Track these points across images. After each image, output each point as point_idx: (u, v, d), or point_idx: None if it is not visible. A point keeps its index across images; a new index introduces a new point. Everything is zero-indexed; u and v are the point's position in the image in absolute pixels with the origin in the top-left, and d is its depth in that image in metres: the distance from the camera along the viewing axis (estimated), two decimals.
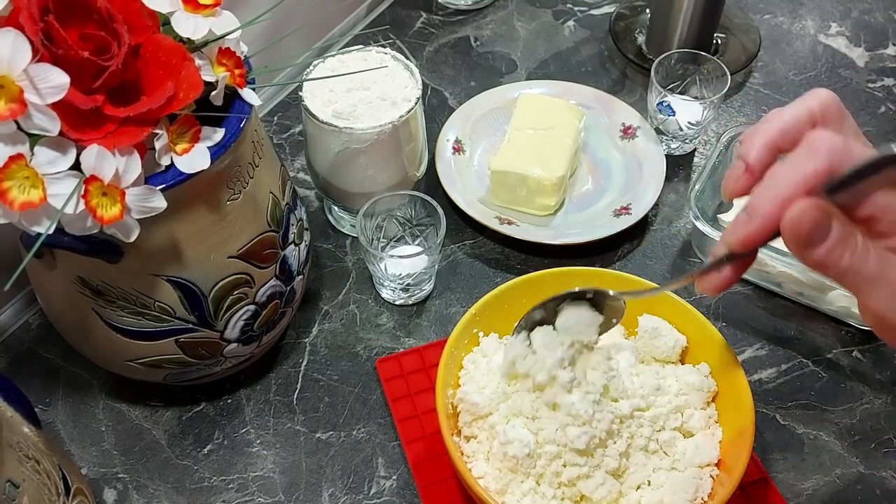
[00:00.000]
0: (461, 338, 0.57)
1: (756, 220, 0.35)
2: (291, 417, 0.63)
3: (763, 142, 0.38)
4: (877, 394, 0.64)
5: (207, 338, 0.55)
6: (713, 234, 0.67)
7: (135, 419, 0.63)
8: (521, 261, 0.73)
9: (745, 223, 0.36)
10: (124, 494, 0.59)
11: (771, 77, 0.90)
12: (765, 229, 0.35)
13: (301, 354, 0.67)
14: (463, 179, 0.76)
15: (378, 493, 0.59)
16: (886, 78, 0.89)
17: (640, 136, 0.79)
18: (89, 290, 0.50)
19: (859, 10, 0.97)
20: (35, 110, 0.38)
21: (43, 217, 0.41)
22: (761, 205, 0.35)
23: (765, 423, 0.63)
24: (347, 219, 0.74)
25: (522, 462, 0.51)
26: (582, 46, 0.93)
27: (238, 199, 0.51)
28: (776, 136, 0.37)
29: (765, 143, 0.38)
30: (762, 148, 0.38)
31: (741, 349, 0.67)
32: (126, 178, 0.42)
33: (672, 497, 0.52)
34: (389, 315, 0.69)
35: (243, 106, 0.49)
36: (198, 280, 0.52)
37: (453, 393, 0.56)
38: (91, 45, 0.40)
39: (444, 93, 0.88)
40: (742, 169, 0.38)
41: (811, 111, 0.37)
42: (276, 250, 0.56)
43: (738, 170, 0.39)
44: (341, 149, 0.65)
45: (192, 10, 0.44)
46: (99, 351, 0.56)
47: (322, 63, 0.69)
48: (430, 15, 0.96)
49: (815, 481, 0.60)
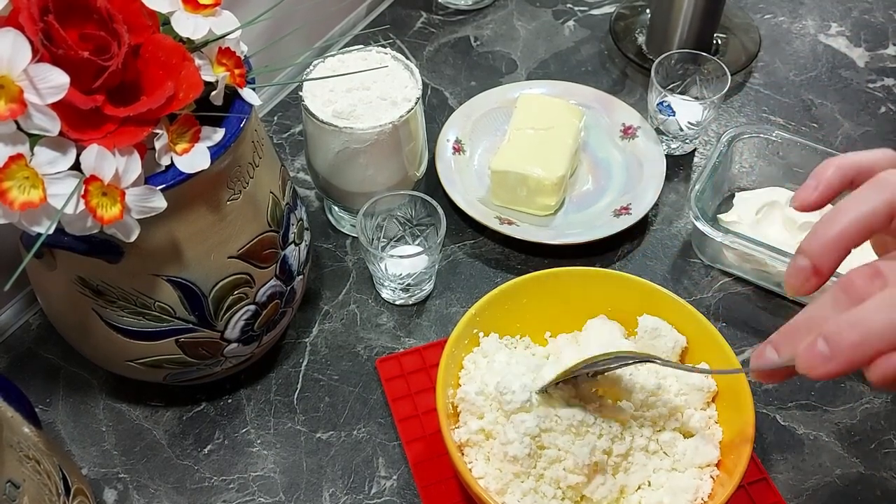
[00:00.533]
0: (461, 338, 0.57)
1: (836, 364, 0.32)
2: (292, 417, 0.63)
3: (835, 244, 0.35)
4: (877, 394, 0.64)
5: (207, 338, 0.55)
6: (713, 234, 0.66)
7: (135, 419, 0.63)
8: (521, 261, 0.73)
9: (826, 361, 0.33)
10: (125, 494, 0.59)
11: (771, 77, 0.90)
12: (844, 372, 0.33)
13: (301, 354, 0.67)
14: (463, 179, 0.76)
15: (378, 493, 0.59)
16: (886, 78, 0.89)
17: (640, 136, 0.79)
18: (89, 290, 0.50)
19: (859, 9, 0.97)
20: (35, 110, 0.38)
21: (43, 217, 0.41)
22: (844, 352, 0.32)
23: (765, 423, 0.63)
24: (347, 219, 0.74)
25: (523, 462, 0.51)
26: (582, 46, 0.93)
27: (238, 199, 0.51)
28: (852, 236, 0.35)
29: (837, 246, 0.35)
30: (834, 251, 0.35)
31: (741, 349, 0.67)
32: (126, 178, 0.42)
33: (672, 497, 0.52)
34: (389, 315, 0.69)
35: (243, 106, 0.49)
36: (198, 280, 0.52)
37: (454, 393, 0.56)
38: (91, 45, 0.40)
39: (444, 93, 0.88)
40: (810, 270, 0.35)
41: (891, 206, 0.35)
42: (277, 250, 0.56)
43: (806, 271, 0.36)
44: (341, 149, 0.65)
45: (192, 10, 0.44)
46: (99, 351, 0.56)
47: (322, 63, 0.69)
48: (430, 15, 0.96)
49: (815, 481, 0.60)
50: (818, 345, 0.33)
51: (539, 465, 0.52)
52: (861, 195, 0.35)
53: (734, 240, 0.66)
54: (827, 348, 0.32)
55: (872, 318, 0.31)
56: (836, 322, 0.32)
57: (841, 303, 0.34)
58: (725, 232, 0.67)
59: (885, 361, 0.31)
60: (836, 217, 0.35)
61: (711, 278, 0.72)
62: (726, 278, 0.72)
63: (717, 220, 0.72)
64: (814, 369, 0.33)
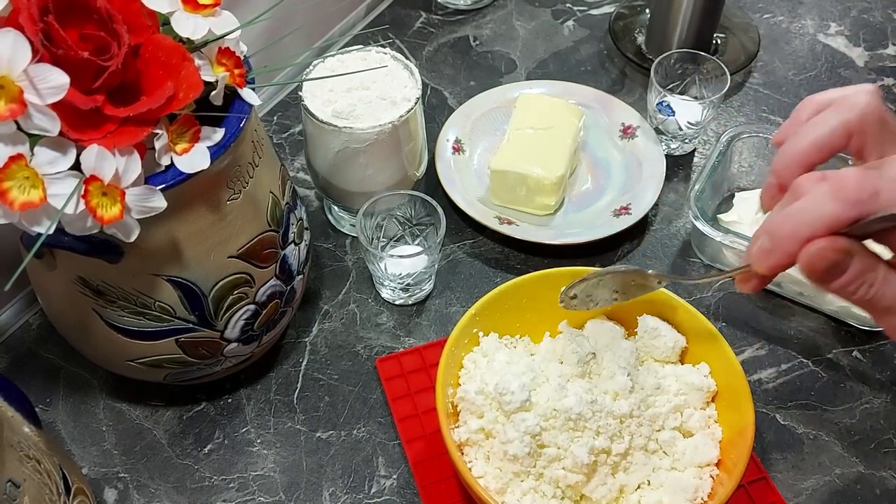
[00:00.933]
0: (461, 337, 0.57)
1: (776, 255, 0.35)
2: (292, 417, 0.63)
3: (797, 161, 0.38)
4: (876, 393, 0.64)
5: (208, 337, 0.55)
6: (713, 234, 0.67)
7: (135, 419, 0.63)
8: (521, 261, 0.73)
9: (767, 253, 0.36)
10: (125, 494, 0.59)
11: (770, 77, 0.90)
12: (784, 262, 0.35)
13: (301, 354, 0.67)
14: (463, 179, 0.76)
15: (378, 493, 0.59)
16: (886, 78, 0.89)
17: (639, 136, 0.79)
18: (89, 290, 0.50)
19: (858, 9, 0.97)
20: (35, 110, 0.38)
21: (43, 217, 0.41)
22: (780, 241, 0.35)
23: (765, 423, 0.63)
24: (347, 218, 0.74)
25: (523, 461, 0.51)
26: (581, 46, 0.93)
27: (238, 199, 0.51)
28: (811, 154, 0.37)
29: (798, 162, 0.37)
30: (795, 167, 0.37)
31: (741, 349, 0.67)
32: (126, 178, 0.42)
33: (672, 497, 0.52)
34: (389, 314, 0.69)
35: (243, 106, 0.49)
36: (198, 280, 0.52)
37: (453, 392, 0.56)
38: (91, 45, 0.40)
39: (444, 92, 0.88)
40: (776, 187, 0.38)
41: (847, 126, 0.37)
42: (276, 250, 0.56)
43: (773, 188, 0.39)
44: (341, 148, 0.65)
45: (191, 10, 0.44)
46: (99, 351, 0.56)
47: (322, 63, 0.69)
48: (430, 15, 0.96)
49: (815, 481, 0.60)
50: (761, 241, 0.36)
51: (539, 464, 0.52)
52: (822, 117, 0.38)
53: (734, 239, 0.66)
54: (768, 242, 0.35)
55: (804, 208, 0.34)
56: (775, 216, 0.35)
57: (787, 202, 0.36)
58: (725, 232, 0.67)
59: (810, 246, 0.34)
60: (798, 138, 0.38)
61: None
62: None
63: (717, 219, 0.72)
64: (759, 264, 0.36)
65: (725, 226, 0.70)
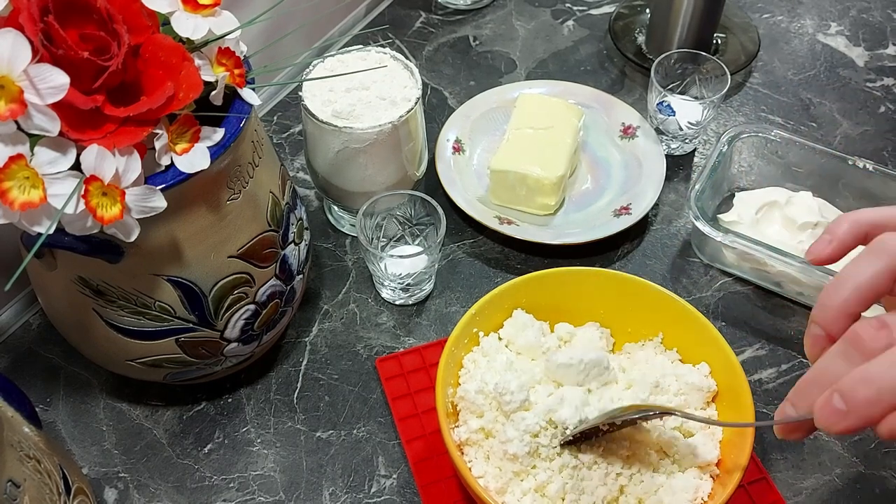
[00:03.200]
0: (461, 337, 0.57)
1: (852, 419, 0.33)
2: (292, 416, 0.63)
3: (844, 313, 0.36)
4: None
5: (208, 337, 0.55)
6: (713, 234, 0.67)
7: (135, 419, 0.63)
8: (521, 260, 0.73)
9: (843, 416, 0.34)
10: (125, 494, 0.59)
11: (770, 77, 0.90)
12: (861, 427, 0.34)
13: (301, 354, 0.67)
14: (463, 179, 0.76)
15: (378, 492, 0.59)
16: (886, 77, 0.89)
17: (639, 136, 0.79)
18: (90, 290, 0.50)
19: (857, 9, 0.97)
20: (35, 110, 0.38)
21: (43, 217, 0.41)
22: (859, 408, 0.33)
23: None
24: (347, 218, 0.74)
25: (522, 460, 0.51)
26: (581, 46, 0.93)
27: (238, 199, 0.51)
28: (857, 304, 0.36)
29: (846, 314, 0.36)
30: (843, 319, 0.37)
31: (741, 349, 0.67)
32: (126, 178, 0.42)
33: (672, 497, 0.52)
34: (389, 314, 0.69)
35: (243, 106, 0.49)
36: (198, 280, 0.52)
37: (453, 392, 0.56)
38: (91, 45, 0.40)
39: (444, 92, 0.88)
40: (825, 339, 0.37)
41: (891, 271, 0.36)
42: (276, 250, 0.56)
43: (822, 339, 0.37)
44: (341, 148, 0.65)
45: (191, 10, 0.44)
46: (99, 351, 0.56)
47: (321, 63, 0.69)
48: (430, 14, 0.96)
49: (815, 481, 0.60)
50: (834, 400, 0.34)
51: (539, 464, 0.52)
52: (861, 262, 0.37)
53: (734, 239, 0.66)
54: (843, 404, 0.33)
55: (884, 375, 0.32)
56: (851, 378, 0.33)
57: (852, 358, 0.35)
58: (725, 231, 0.67)
59: (894, 418, 0.32)
60: (839, 286, 0.37)
61: (711, 278, 0.72)
62: (726, 278, 0.72)
63: (717, 219, 0.72)
64: (831, 425, 0.34)
65: (725, 226, 0.70)
